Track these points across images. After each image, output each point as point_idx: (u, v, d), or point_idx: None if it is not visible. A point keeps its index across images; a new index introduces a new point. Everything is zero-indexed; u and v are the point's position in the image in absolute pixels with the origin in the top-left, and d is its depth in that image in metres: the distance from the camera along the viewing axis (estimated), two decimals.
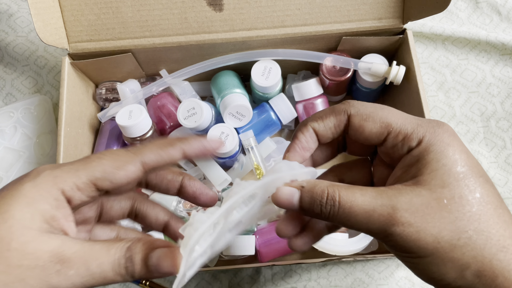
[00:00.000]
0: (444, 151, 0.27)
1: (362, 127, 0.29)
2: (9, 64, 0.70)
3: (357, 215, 0.26)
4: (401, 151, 0.29)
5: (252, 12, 0.55)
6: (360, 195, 0.27)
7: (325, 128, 0.30)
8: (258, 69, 0.58)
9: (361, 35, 0.57)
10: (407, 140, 0.28)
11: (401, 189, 0.27)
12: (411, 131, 0.28)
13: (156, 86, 0.59)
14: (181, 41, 0.56)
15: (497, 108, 0.66)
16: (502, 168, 0.64)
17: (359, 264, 0.60)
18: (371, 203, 0.26)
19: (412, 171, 0.27)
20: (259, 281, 0.60)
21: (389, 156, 0.30)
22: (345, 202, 0.26)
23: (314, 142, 0.31)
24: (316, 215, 0.28)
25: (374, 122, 0.29)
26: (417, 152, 0.28)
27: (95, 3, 0.55)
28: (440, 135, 0.27)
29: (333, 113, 0.30)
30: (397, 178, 0.29)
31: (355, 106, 0.30)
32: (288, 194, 0.28)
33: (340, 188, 0.27)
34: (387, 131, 0.29)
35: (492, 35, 0.68)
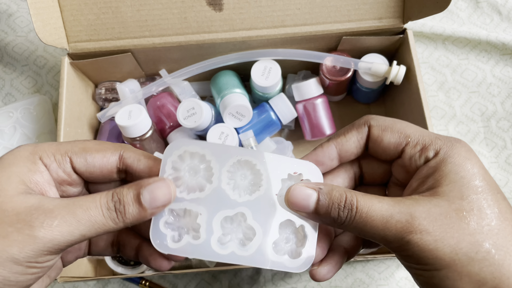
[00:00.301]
0: (463, 164, 0.27)
1: (381, 137, 0.29)
2: (9, 64, 0.69)
3: (373, 220, 0.26)
4: (418, 162, 0.28)
5: (252, 12, 0.55)
6: (377, 201, 0.26)
7: (348, 142, 0.30)
8: (258, 69, 0.58)
9: (361, 35, 0.57)
10: (424, 151, 0.28)
11: (419, 199, 0.26)
12: (429, 142, 0.28)
13: (155, 86, 0.59)
14: (180, 41, 0.56)
15: (497, 108, 0.66)
16: (502, 168, 0.64)
17: (359, 265, 0.60)
18: (389, 210, 0.26)
19: (429, 182, 0.27)
20: (259, 282, 0.60)
21: (405, 170, 0.29)
22: (362, 207, 0.26)
23: (331, 159, 0.30)
24: (331, 220, 0.27)
25: (393, 132, 0.29)
26: (434, 163, 0.27)
27: (95, 3, 0.54)
28: (457, 149, 0.27)
29: (354, 128, 0.30)
30: (414, 190, 0.28)
31: (375, 118, 0.30)
32: (305, 195, 0.27)
33: (357, 194, 0.27)
34: (406, 142, 0.29)
35: (493, 35, 0.68)
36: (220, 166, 0.30)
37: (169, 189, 0.27)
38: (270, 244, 0.29)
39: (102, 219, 0.25)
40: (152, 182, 0.27)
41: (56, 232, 0.24)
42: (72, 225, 0.24)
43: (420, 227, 0.25)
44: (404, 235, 0.25)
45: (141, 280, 0.59)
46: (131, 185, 0.27)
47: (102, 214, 0.25)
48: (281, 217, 0.29)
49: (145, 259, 0.31)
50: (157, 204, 0.27)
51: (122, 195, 0.26)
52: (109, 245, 0.32)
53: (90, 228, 0.25)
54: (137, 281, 0.59)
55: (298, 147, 0.64)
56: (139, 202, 0.26)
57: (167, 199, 0.27)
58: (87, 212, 0.25)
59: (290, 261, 0.28)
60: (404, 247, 0.25)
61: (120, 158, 0.29)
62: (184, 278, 0.60)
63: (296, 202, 0.28)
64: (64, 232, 0.24)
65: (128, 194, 0.26)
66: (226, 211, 0.29)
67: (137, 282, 0.59)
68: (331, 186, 0.28)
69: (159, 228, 0.28)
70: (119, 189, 0.27)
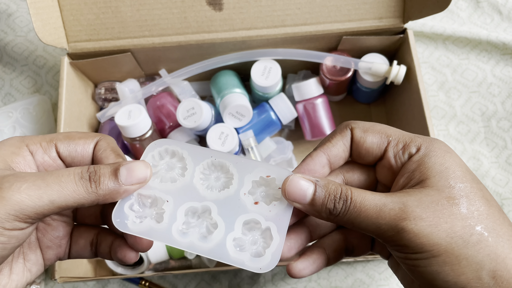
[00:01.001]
0: (445, 156, 0.28)
1: (364, 138, 0.30)
2: (8, 64, 0.69)
3: (367, 209, 0.26)
4: (403, 159, 0.29)
5: (252, 12, 0.55)
6: (370, 194, 0.27)
7: (335, 147, 0.31)
8: (258, 68, 0.58)
9: (362, 35, 0.57)
10: (406, 148, 0.29)
11: (409, 191, 0.27)
12: (409, 140, 0.29)
13: (155, 86, 0.59)
14: (180, 41, 0.56)
15: (498, 108, 0.66)
16: (503, 168, 0.64)
17: (359, 265, 0.60)
18: (382, 199, 0.27)
19: (416, 176, 0.28)
20: (259, 282, 0.60)
21: (390, 170, 0.30)
22: (356, 197, 0.27)
23: (322, 166, 0.31)
24: (326, 212, 0.28)
25: (374, 132, 0.30)
26: (418, 158, 0.28)
27: (94, 3, 0.54)
28: (437, 144, 0.29)
29: (336, 132, 0.31)
30: (401, 185, 0.29)
31: (355, 122, 0.31)
32: (304, 186, 0.28)
33: (352, 188, 0.28)
34: (387, 141, 0.30)
35: (493, 35, 0.68)
36: (195, 164, 0.31)
37: (146, 169, 0.28)
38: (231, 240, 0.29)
39: (73, 186, 0.26)
40: (131, 161, 0.28)
41: (24, 194, 0.24)
42: (41, 189, 0.25)
43: (414, 213, 0.26)
44: (398, 222, 0.26)
45: (141, 280, 0.59)
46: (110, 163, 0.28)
47: (74, 181, 0.26)
48: (246, 216, 0.30)
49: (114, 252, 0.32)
50: (132, 180, 0.28)
51: (99, 168, 0.27)
52: (88, 244, 0.32)
53: (59, 193, 0.25)
54: (137, 281, 0.59)
55: (298, 147, 0.64)
56: (115, 175, 0.27)
57: (143, 177, 0.28)
58: (58, 178, 0.26)
59: (251, 260, 0.29)
60: (398, 236, 0.26)
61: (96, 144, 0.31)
62: (184, 278, 0.60)
63: (293, 193, 0.28)
64: (32, 195, 0.25)
65: (105, 168, 0.27)
66: (192, 202, 0.30)
67: (137, 282, 0.59)
68: (327, 179, 0.29)
69: (123, 209, 0.29)
70: (96, 164, 0.28)
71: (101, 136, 0.31)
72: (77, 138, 0.30)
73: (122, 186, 0.27)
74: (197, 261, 0.58)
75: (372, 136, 0.30)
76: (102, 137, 0.31)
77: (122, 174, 0.27)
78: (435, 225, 0.25)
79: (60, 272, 0.50)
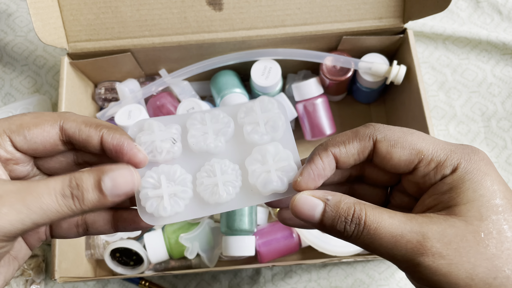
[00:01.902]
0: (482, 180, 0.25)
1: (390, 153, 0.26)
2: (8, 63, 0.69)
3: (382, 238, 0.24)
4: (433, 180, 0.26)
5: (252, 12, 0.55)
6: (388, 217, 0.24)
7: (347, 154, 0.27)
8: (258, 68, 0.58)
9: (362, 35, 0.57)
10: (440, 168, 0.26)
11: (433, 217, 0.25)
12: (444, 158, 0.26)
13: (155, 86, 0.59)
14: (180, 41, 0.56)
15: (498, 108, 0.66)
16: (503, 168, 0.64)
17: (359, 265, 0.60)
18: (399, 227, 0.24)
19: (444, 200, 0.25)
20: (259, 282, 0.60)
21: (417, 186, 0.27)
22: (371, 222, 0.24)
23: (331, 169, 0.27)
24: (337, 233, 0.26)
25: (403, 148, 0.26)
26: (450, 180, 0.25)
27: (94, 3, 0.54)
28: (476, 163, 0.25)
29: (357, 138, 0.27)
30: (427, 206, 0.26)
31: (382, 131, 0.27)
32: (311, 205, 0.26)
33: (367, 207, 0.25)
34: (418, 159, 0.26)
35: (493, 35, 0.68)
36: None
37: (132, 177, 0.26)
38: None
39: (56, 206, 0.24)
40: (115, 168, 0.25)
41: (4, 221, 0.23)
42: (22, 213, 0.23)
43: (433, 249, 0.23)
44: (414, 256, 0.24)
45: (141, 280, 0.59)
46: (91, 170, 0.25)
47: (56, 201, 0.24)
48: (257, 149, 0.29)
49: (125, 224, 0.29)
50: (119, 192, 0.25)
51: (82, 181, 0.24)
52: (73, 227, 0.30)
53: (43, 215, 0.24)
54: (137, 281, 0.59)
55: (298, 147, 0.64)
56: (99, 189, 0.25)
57: (130, 187, 0.25)
58: (39, 199, 0.23)
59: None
60: (414, 269, 0.24)
61: (61, 129, 0.28)
62: (184, 278, 0.60)
63: (301, 212, 0.26)
64: (14, 221, 0.23)
65: (88, 180, 0.25)
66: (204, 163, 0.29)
67: (137, 282, 0.59)
68: (339, 196, 0.26)
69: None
70: (78, 173, 0.25)
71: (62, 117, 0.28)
72: (32, 125, 0.27)
73: (108, 199, 0.25)
74: (197, 261, 0.58)
75: (400, 152, 0.26)
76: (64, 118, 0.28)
77: (106, 186, 0.25)
78: (455, 265, 0.23)
79: (60, 272, 0.50)
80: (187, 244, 0.56)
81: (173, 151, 0.29)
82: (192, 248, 0.56)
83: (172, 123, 0.29)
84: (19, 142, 0.27)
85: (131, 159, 0.27)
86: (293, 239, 0.56)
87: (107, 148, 0.27)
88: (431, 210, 0.26)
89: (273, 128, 0.29)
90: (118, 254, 0.57)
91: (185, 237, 0.56)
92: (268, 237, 0.56)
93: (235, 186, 0.28)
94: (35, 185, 0.24)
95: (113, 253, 0.57)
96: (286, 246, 0.56)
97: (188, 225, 0.58)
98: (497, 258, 0.23)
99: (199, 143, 0.29)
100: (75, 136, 0.27)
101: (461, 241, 0.23)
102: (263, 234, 0.56)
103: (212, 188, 0.28)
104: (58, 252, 0.50)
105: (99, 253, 0.58)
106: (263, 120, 0.29)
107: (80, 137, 0.27)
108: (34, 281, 0.59)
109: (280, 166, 0.28)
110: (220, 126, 0.29)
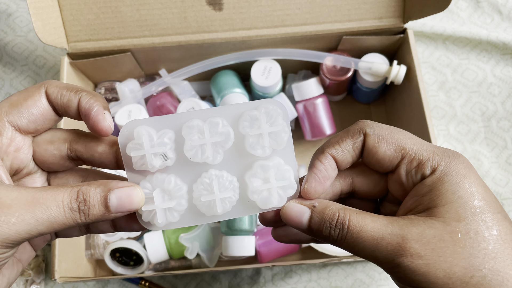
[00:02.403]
0: (460, 182, 0.25)
1: (376, 148, 0.28)
2: (8, 63, 0.69)
3: (364, 241, 0.25)
4: (414, 179, 0.27)
5: (252, 12, 0.55)
6: (370, 221, 0.26)
7: (344, 152, 0.28)
8: (258, 68, 0.58)
9: (362, 35, 0.57)
10: (421, 167, 0.27)
11: (413, 219, 0.25)
12: (426, 157, 0.27)
13: (155, 85, 0.59)
14: (180, 41, 0.56)
15: (498, 108, 0.66)
16: (503, 168, 0.64)
17: (359, 265, 0.60)
18: (381, 230, 0.25)
19: (425, 202, 0.26)
20: (259, 282, 0.60)
21: (401, 188, 0.28)
22: (354, 226, 0.25)
23: (334, 169, 0.29)
24: (324, 238, 0.27)
25: (389, 143, 0.27)
26: (430, 181, 0.26)
27: (94, 3, 0.54)
28: (456, 165, 0.26)
29: (348, 135, 0.28)
30: (408, 208, 0.27)
31: (370, 126, 0.28)
32: (298, 212, 0.27)
33: (351, 212, 0.26)
34: (401, 155, 0.27)
35: (493, 35, 0.68)
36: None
37: (138, 197, 0.27)
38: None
39: (63, 219, 0.25)
40: (121, 185, 0.26)
41: (12, 230, 0.23)
42: (30, 225, 0.24)
43: (411, 250, 0.24)
44: (394, 257, 0.25)
45: (141, 280, 0.59)
46: (99, 185, 0.26)
47: (63, 214, 0.25)
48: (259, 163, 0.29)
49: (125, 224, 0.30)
50: (123, 210, 0.26)
51: (89, 196, 0.25)
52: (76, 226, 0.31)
53: (49, 226, 0.24)
54: (137, 282, 0.59)
55: (298, 147, 0.64)
56: (106, 205, 0.26)
57: (135, 207, 0.27)
58: (48, 211, 0.24)
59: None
60: (395, 269, 0.25)
61: (46, 96, 0.28)
62: (184, 279, 0.60)
63: (290, 219, 0.27)
64: (21, 231, 0.24)
65: (94, 195, 0.25)
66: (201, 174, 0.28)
67: (137, 282, 0.59)
68: (326, 203, 0.27)
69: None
70: (85, 187, 0.26)
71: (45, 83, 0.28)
72: (23, 101, 0.27)
73: (112, 214, 0.26)
74: (197, 261, 0.58)
75: (386, 147, 0.27)
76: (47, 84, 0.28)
77: (112, 204, 0.26)
78: (433, 264, 0.24)
79: (60, 272, 0.50)
80: (187, 244, 0.56)
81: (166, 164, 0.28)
82: (192, 248, 0.56)
83: (165, 129, 0.28)
84: (17, 120, 0.27)
85: (94, 125, 0.28)
86: None
87: (80, 111, 0.28)
88: (412, 211, 0.27)
89: (276, 142, 0.29)
90: (118, 254, 0.57)
91: (185, 237, 0.56)
92: (268, 237, 0.56)
93: (232, 201, 0.28)
94: (43, 196, 0.25)
95: (113, 253, 0.57)
96: (286, 246, 0.56)
97: None
98: (474, 258, 0.24)
99: (197, 157, 0.28)
100: (57, 101, 0.28)
101: (438, 241, 0.24)
102: (263, 234, 0.56)
103: (209, 203, 0.28)
104: (58, 252, 0.50)
105: (99, 253, 0.58)
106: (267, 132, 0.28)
107: (62, 101, 0.28)
108: (34, 281, 0.59)
109: (282, 185, 0.28)
110: (220, 139, 0.28)
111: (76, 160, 0.30)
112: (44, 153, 0.29)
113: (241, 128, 0.28)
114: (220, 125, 0.28)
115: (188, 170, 0.29)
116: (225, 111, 0.28)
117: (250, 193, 0.28)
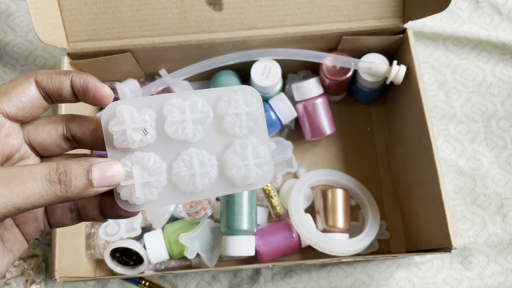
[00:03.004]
0: None
1: None
2: (8, 63, 0.69)
3: None
4: None
5: (252, 12, 0.55)
6: None
7: None
8: (258, 68, 0.58)
9: (362, 35, 0.57)
10: None
11: None
12: None
13: (155, 86, 0.59)
14: (180, 41, 0.56)
15: (497, 108, 0.66)
16: (503, 168, 0.64)
17: (359, 265, 0.60)
18: None
19: None
20: (259, 282, 0.60)
21: None
22: None
23: None
24: None
25: None
26: None
27: (94, 3, 0.54)
28: None
29: None
30: None
31: None
32: None
33: None
34: None
35: (493, 35, 0.68)
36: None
37: (119, 170, 0.27)
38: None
39: (40, 191, 0.24)
40: (103, 160, 0.27)
41: None
42: (4, 197, 0.23)
43: None
44: None
45: (141, 280, 0.59)
46: (80, 159, 0.26)
47: (40, 186, 0.24)
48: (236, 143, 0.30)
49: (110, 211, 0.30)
50: (105, 183, 0.26)
51: (70, 168, 0.25)
52: (67, 212, 0.31)
53: (25, 200, 0.24)
54: (137, 281, 0.59)
55: (298, 147, 0.64)
56: (87, 178, 0.25)
57: (117, 180, 0.27)
58: (22, 183, 0.24)
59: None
60: None
61: (36, 83, 0.28)
62: (184, 278, 0.60)
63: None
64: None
65: (77, 168, 0.25)
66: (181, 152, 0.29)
67: (137, 282, 0.59)
68: None
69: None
70: (66, 161, 0.26)
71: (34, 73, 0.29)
72: (11, 89, 0.28)
73: (94, 189, 0.26)
74: (197, 261, 0.58)
75: None
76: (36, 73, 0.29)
77: (94, 176, 0.26)
78: None
79: (60, 272, 0.50)
80: (187, 244, 0.56)
81: (146, 140, 0.28)
82: (192, 248, 0.56)
83: (145, 108, 0.29)
84: (6, 107, 0.27)
85: (96, 94, 0.28)
86: (293, 239, 0.56)
87: (76, 89, 0.28)
88: None
89: (252, 122, 0.30)
90: (118, 254, 0.57)
91: (185, 237, 0.56)
92: (268, 237, 0.56)
93: (211, 178, 0.29)
94: (20, 169, 0.24)
95: (113, 253, 0.57)
96: (286, 246, 0.56)
97: (188, 225, 0.58)
98: None
99: (177, 133, 0.29)
100: (49, 86, 0.28)
101: None
102: (263, 234, 0.56)
103: (189, 178, 0.29)
104: (58, 252, 0.50)
105: (99, 253, 0.58)
106: (245, 112, 0.30)
107: (53, 84, 0.28)
108: (34, 281, 0.59)
109: (258, 162, 0.29)
110: (199, 116, 0.29)
111: (71, 141, 0.30)
112: (41, 134, 0.30)
113: (220, 108, 0.29)
114: (200, 104, 0.29)
115: (167, 149, 0.29)
116: (205, 94, 0.30)
117: (229, 169, 0.29)
